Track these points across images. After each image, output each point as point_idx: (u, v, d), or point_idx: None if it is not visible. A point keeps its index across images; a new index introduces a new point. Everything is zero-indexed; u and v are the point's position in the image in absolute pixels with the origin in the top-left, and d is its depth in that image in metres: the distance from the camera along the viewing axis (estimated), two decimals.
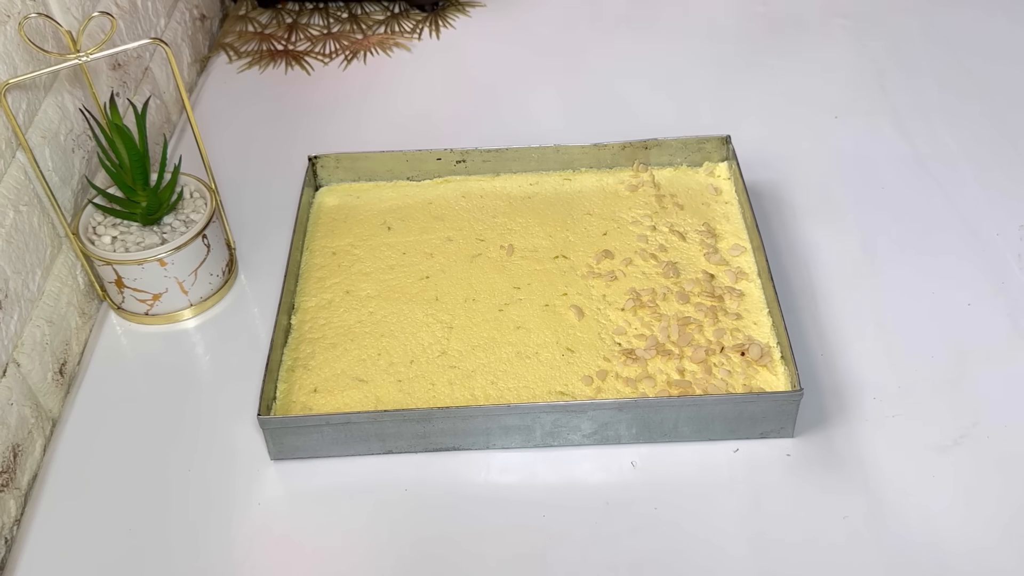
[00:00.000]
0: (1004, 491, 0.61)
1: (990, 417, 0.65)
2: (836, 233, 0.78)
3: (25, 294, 0.66)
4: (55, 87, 0.72)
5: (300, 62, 0.99)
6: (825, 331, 0.70)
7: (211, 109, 0.94)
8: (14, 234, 0.65)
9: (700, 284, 0.72)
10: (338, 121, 0.92)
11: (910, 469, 0.62)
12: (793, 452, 0.64)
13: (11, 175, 0.65)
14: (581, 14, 1.04)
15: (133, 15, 0.85)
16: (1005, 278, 0.73)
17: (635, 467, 0.64)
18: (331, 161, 0.81)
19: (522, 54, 1.00)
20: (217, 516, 0.62)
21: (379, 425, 0.63)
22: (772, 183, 0.82)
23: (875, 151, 0.85)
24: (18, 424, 0.63)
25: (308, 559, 0.60)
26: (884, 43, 0.97)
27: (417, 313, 0.71)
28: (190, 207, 0.74)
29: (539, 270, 0.74)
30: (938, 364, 0.68)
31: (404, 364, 0.68)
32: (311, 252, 0.77)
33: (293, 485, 0.64)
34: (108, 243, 0.71)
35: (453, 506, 0.62)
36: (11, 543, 0.62)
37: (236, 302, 0.76)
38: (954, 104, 0.89)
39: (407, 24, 1.04)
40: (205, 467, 0.65)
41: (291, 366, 0.69)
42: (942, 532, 0.59)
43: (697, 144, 0.81)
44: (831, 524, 0.60)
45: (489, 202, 0.80)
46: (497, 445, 0.64)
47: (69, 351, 0.71)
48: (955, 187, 0.81)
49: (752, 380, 0.66)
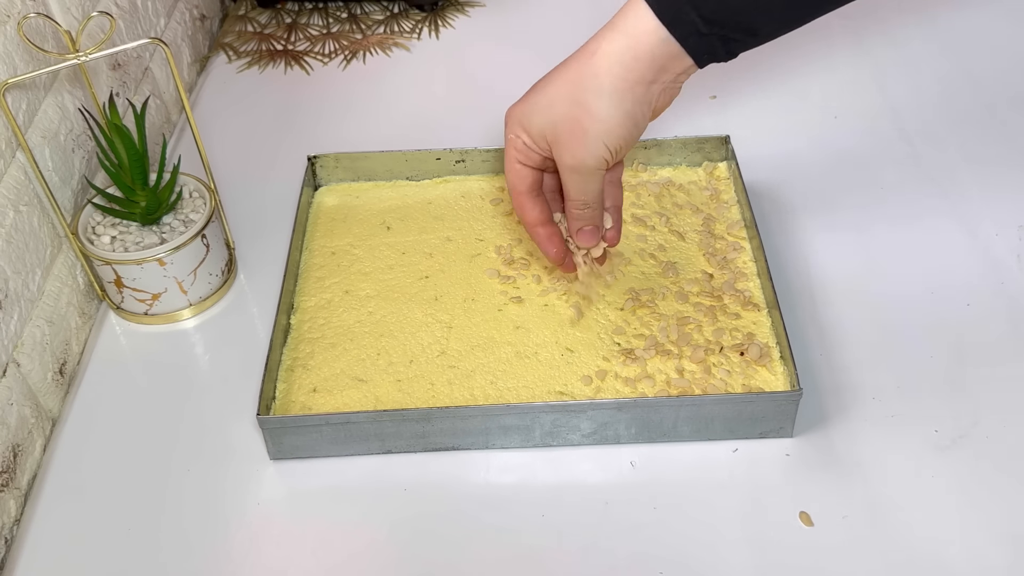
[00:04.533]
0: (1004, 491, 0.61)
1: (990, 417, 0.65)
2: (835, 233, 0.77)
3: (25, 294, 0.66)
4: (55, 87, 0.72)
5: (300, 62, 0.99)
6: (824, 331, 0.70)
7: (210, 109, 0.94)
8: (14, 234, 0.65)
9: (699, 284, 0.72)
10: (337, 121, 0.92)
11: (910, 469, 0.62)
12: (792, 452, 0.64)
13: (11, 175, 0.65)
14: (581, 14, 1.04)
15: (133, 15, 0.85)
16: (1005, 278, 0.73)
17: (634, 467, 0.64)
18: (330, 161, 0.81)
19: (522, 54, 0.99)
20: (216, 516, 0.62)
21: (378, 425, 0.63)
22: (772, 183, 0.82)
23: (874, 151, 0.85)
24: (18, 424, 0.63)
25: (307, 559, 0.60)
26: (884, 43, 0.97)
27: (416, 313, 0.71)
28: (189, 207, 0.74)
29: (538, 270, 0.74)
30: (938, 364, 0.68)
31: (403, 364, 0.68)
32: (310, 252, 0.77)
33: (292, 485, 0.64)
34: (107, 243, 0.71)
35: (452, 506, 0.62)
36: (11, 543, 0.62)
37: (235, 302, 0.76)
38: (954, 104, 0.89)
39: (406, 24, 1.04)
40: (204, 467, 0.65)
41: (290, 366, 0.69)
42: (942, 532, 0.59)
43: (697, 144, 0.81)
44: (831, 524, 0.60)
45: (488, 202, 0.80)
46: (496, 445, 0.64)
47: (69, 351, 0.71)
48: (954, 187, 0.81)
49: (751, 380, 0.66)
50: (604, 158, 0.60)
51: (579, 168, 0.60)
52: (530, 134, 0.61)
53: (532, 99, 0.61)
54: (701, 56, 0.58)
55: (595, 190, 0.62)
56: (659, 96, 0.59)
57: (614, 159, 0.60)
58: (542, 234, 0.66)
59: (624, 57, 0.57)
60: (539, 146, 0.61)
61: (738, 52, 0.58)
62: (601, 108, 0.58)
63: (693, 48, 0.57)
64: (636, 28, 0.57)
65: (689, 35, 0.56)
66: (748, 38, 0.57)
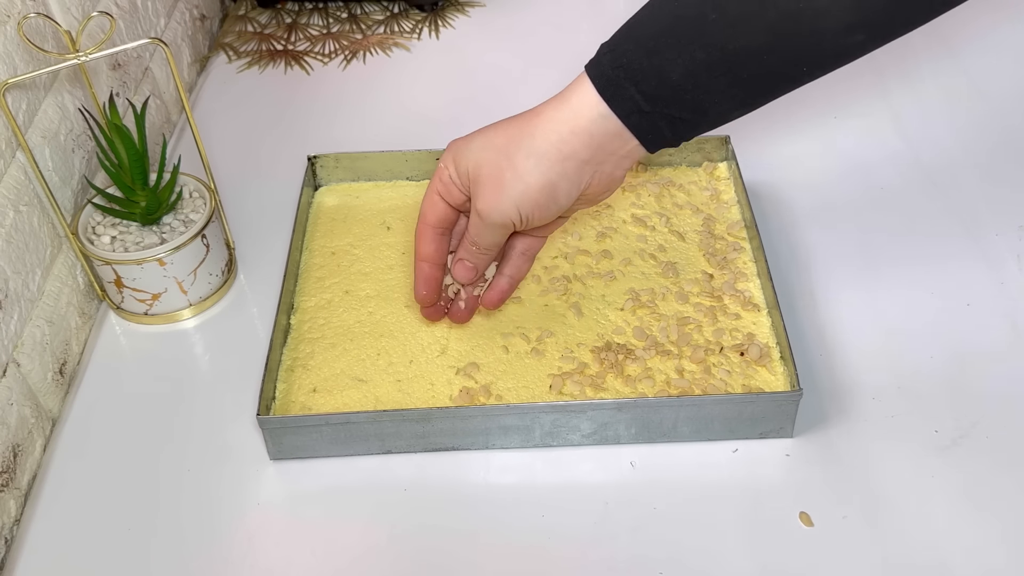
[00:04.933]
0: (1004, 491, 0.61)
1: (990, 417, 0.65)
2: (835, 233, 0.78)
3: (25, 294, 0.66)
4: (55, 87, 0.72)
5: (300, 62, 0.99)
6: (825, 331, 0.70)
7: (210, 109, 0.94)
8: (14, 234, 0.65)
9: (699, 284, 0.72)
10: (337, 121, 0.92)
11: (910, 469, 0.62)
12: (792, 452, 0.64)
13: (11, 175, 0.65)
14: (581, 14, 1.04)
15: (133, 15, 0.85)
16: (1005, 278, 0.73)
17: (634, 467, 0.63)
18: (330, 161, 0.81)
19: (522, 54, 1.00)
20: (216, 516, 0.62)
21: (378, 425, 0.63)
22: (772, 183, 0.82)
23: (874, 151, 0.85)
24: (18, 424, 0.63)
25: (307, 559, 0.60)
26: (885, 45, 0.97)
27: (416, 313, 0.71)
28: (189, 207, 0.74)
29: (538, 270, 0.74)
30: (938, 364, 0.68)
31: (403, 364, 0.68)
32: (310, 252, 0.77)
33: (292, 485, 0.64)
34: (107, 243, 0.71)
35: (452, 506, 0.62)
36: (11, 543, 0.62)
37: (235, 302, 0.76)
38: (954, 104, 0.89)
39: (407, 24, 1.04)
40: (204, 467, 0.65)
41: (290, 366, 0.69)
42: (942, 532, 0.59)
43: (697, 144, 0.81)
44: (831, 524, 0.60)
45: None
46: (496, 445, 0.64)
47: (69, 351, 0.71)
48: (954, 187, 0.81)
49: (751, 380, 0.66)
50: (511, 219, 0.58)
51: (485, 216, 0.58)
52: (458, 168, 0.60)
53: (473, 137, 0.60)
54: (645, 136, 0.55)
55: (492, 242, 0.61)
56: (593, 178, 0.57)
57: (522, 224, 0.59)
58: (424, 271, 0.64)
59: (562, 128, 0.55)
60: (461, 182, 0.60)
61: (688, 135, 0.55)
62: (526, 169, 0.56)
63: (636, 127, 0.54)
64: (580, 101, 0.55)
65: (630, 112, 0.54)
66: (697, 117, 0.54)
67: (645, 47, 0.53)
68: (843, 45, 0.53)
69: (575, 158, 0.56)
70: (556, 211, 0.58)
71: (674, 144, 0.56)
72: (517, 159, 0.56)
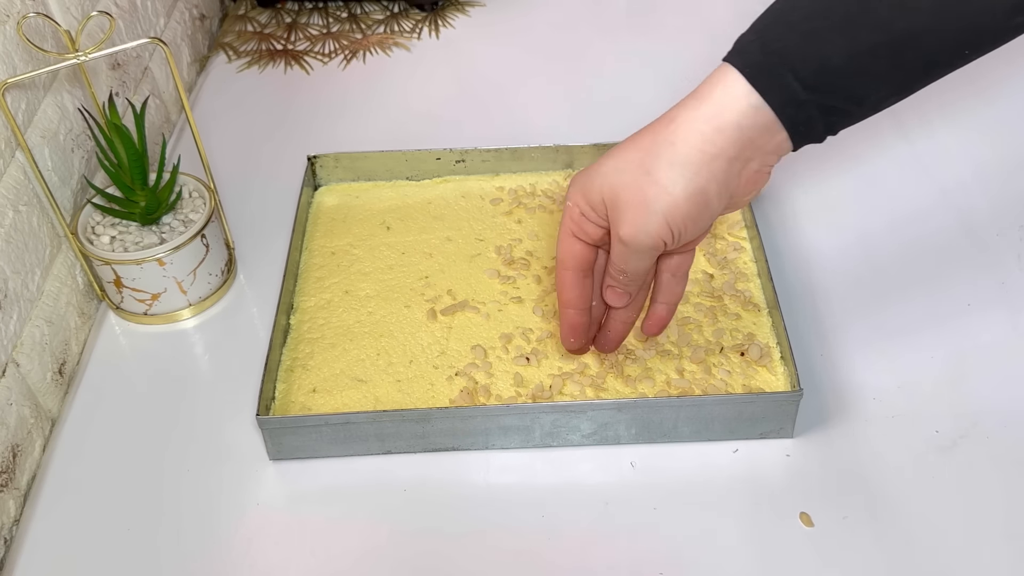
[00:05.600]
0: (1004, 491, 0.61)
1: (990, 417, 0.65)
2: (836, 233, 0.77)
3: (24, 294, 0.66)
4: (54, 87, 0.72)
5: (299, 62, 0.99)
6: (825, 331, 0.70)
7: (210, 109, 0.94)
8: (13, 234, 0.65)
9: (699, 284, 0.72)
10: (337, 121, 0.92)
11: (910, 469, 0.62)
12: (793, 452, 0.64)
13: (10, 175, 0.65)
14: (581, 14, 1.04)
15: (132, 15, 0.85)
16: (1005, 278, 0.73)
17: (634, 467, 0.63)
18: (330, 161, 0.81)
19: (522, 54, 1.00)
20: (216, 516, 0.62)
21: (378, 425, 0.63)
22: (772, 183, 0.82)
23: (874, 151, 0.85)
24: (17, 424, 0.63)
25: (307, 559, 0.60)
26: None
27: (416, 313, 0.71)
28: (189, 207, 0.74)
29: (538, 270, 0.74)
30: (938, 364, 0.68)
31: (403, 364, 0.68)
32: (310, 252, 0.77)
33: (292, 485, 0.64)
34: (107, 243, 0.71)
35: (452, 506, 0.62)
36: (10, 543, 0.62)
37: (235, 302, 0.76)
38: (954, 104, 0.89)
39: (406, 24, 1.04)
40: (204, 467, 0.65)
41: (290, 366, 0.69)
42: (942, 532, 0.59)
43: None
44: (831, 524, 0.60)
45: (489, 202, 0.80)
46: (496, 445, 0.64)
47: (68, 351, 0.71)
48: (955, 187, 0.81)
49: (752, 380, 0.66)
50: (662, 238, 0.53)
51: (631, 242, 0.54)
52: (589, 200, 0.55)
53: (600, 165, 0.55)
54: (797, 128, 0.51)
55: (641, 267, 0.56)
56: (742, 178, 0.53)
57: (674, 242, 0.54)
58: (571, 318, 0.61)
59: (705, 127, 0.51)
60: (597, 212, 0.55)
61: (838, 127, 0.52)
62: (670, 179, 0.52)
63: (790, 119, 0.50)
64: (723, 95, 0.51)
65: (786, 103, 0.50)
66: (852, 107, 0.51)
67: (800, 30, 0.50)
68: (1006, 27, 0.50)
69: (723, 156, 0.52)
70: (709, 219, 0.54)
71: (820, 139, 0.52)
72: (659, 172, 0.52)
